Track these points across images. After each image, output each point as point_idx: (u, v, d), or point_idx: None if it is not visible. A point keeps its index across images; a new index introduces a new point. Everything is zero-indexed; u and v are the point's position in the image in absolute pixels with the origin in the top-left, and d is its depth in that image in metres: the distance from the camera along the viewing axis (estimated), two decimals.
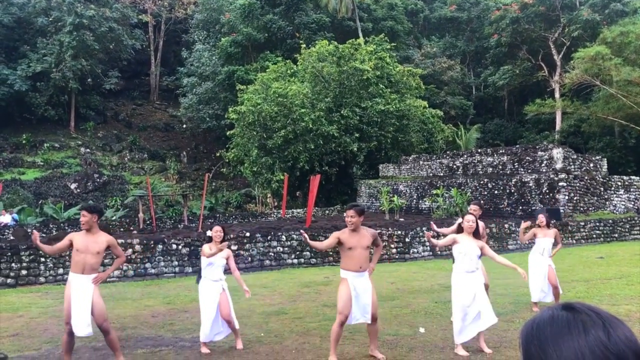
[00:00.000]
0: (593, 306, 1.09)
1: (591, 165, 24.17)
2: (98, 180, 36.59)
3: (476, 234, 6.96)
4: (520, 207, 23.23)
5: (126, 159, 42.93)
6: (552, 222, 19.61)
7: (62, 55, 41.30)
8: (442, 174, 28.18)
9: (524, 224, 9.55)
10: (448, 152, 31.97)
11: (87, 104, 46.54)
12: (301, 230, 6.62)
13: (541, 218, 9.46)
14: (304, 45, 34.09)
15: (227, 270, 7.30)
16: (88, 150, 42.35)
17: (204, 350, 6.93)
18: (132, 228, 25.13)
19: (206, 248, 7.15)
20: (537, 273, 9.17)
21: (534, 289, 9.18)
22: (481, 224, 9.62)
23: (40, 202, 32.65)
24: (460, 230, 7.06)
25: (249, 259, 14.99)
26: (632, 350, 0.99)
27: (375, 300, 6.47)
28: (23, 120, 43.31)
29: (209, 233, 7.32)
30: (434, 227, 8.87)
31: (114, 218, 28.95)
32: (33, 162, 38.82)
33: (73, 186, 35.87)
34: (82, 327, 6.08)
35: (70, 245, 6.20)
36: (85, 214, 6.17)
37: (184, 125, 47.65)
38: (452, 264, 7.36)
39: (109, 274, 6.74)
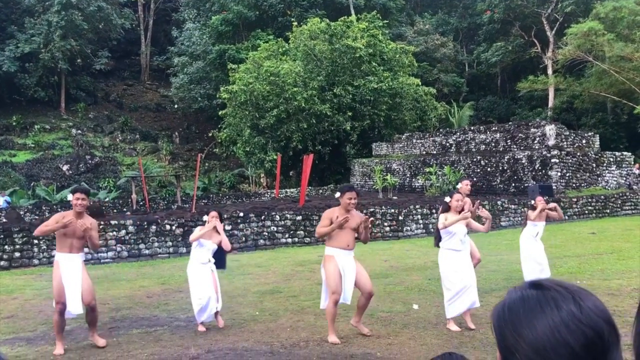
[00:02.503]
0: (560, 280, 1.09)
1: (583, 141, 24.23)
2: (90, 161, 36.39)
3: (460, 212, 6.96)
4: (513, 184, 23.32)
5: (118, 140, 42.64)
6: (545, 198, 19.71)
7: (50, 36, 40.70)
8: (435, 152, 28.19)
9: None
10: (441, 129, 31.95)
11: (77, 84, 46.04)
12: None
13: (540, 199, 9.09)
14: (295, 23, 33.74)
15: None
16: (79, 131, 42.02)
17: (201, 328, 6.99)
18: (125, 209, 25.09)
19: (197, 230, 7.19)
20: (531, 258, 8.69)
21: (529, 272, 8.63)
22: (467, 200, 9.42)
23: (32, 184, 32.48)
24: (447, 209, 6.99)
25: (243, 238, 15.01)
26: (604, 319, 1.01)
27: (367, 277, 6.55)
28: (13, 101, 42.84)
29: (205, 218, 7.32)
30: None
31: (106, 199, 28.87)
32: (24, 144, 38.50)
33: (65, 168, 35.68)
34: (77, 305, 6.20)
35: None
36: (85, 197, 6.30)
37: (176, 106, 47.27)
38: (434, 243, 7.28)
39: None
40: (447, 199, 7.01)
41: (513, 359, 1.03)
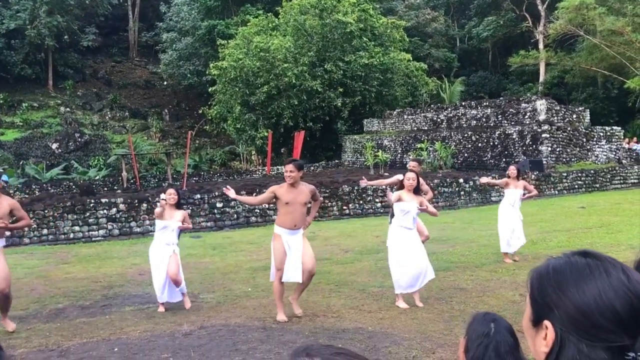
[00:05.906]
0: (605, 254, 1.11)
1: (574, 116, 24.29)
2: (79, 139, 36.08)
3: (416, 191, 6.94)
4: (504, 160, 23.39)
5: (107, 117, 42.24)
6: (536, 173, 19.82)
7: (36, 11, 39.98)
8: (426, 128, 28.18)
9: (484, 179, 9.59)
10: (432, 105, 31.88)
11: (64, 61, 45.39)
12: (225, 187, 6.33)
13: (512, 169, 9.46)
14: None
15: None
16: (68, 109, 41.57)
17: (161, 309, 6.91)
18: (115, 187, 25.00)
19: (158, 209, 7.07)
20: (506, 225, 9.14)
21: (502, 240, 9.19)
22: (421, 180, 9.66)
23: (21, 162, 32.21)
24: (402, 187, 6.98)
25: (235, 216, 15.03)
26: None
27: (312, 256, 6.40)
28: None
29: (162, 196, 7.22)
30: (365, 181, 8.65)
31: (97, 178, 28.72)
32: (12, 123, 38.07)
33: (54, 146, 35.39)
34: None
35: None
36: None
37: (165, 82, 46.81)
38: (389, 222, 7.31)
39: (10, 228, 6.58)
40: (400, 176, 7.13)
41: (550, 314, 1.04)
